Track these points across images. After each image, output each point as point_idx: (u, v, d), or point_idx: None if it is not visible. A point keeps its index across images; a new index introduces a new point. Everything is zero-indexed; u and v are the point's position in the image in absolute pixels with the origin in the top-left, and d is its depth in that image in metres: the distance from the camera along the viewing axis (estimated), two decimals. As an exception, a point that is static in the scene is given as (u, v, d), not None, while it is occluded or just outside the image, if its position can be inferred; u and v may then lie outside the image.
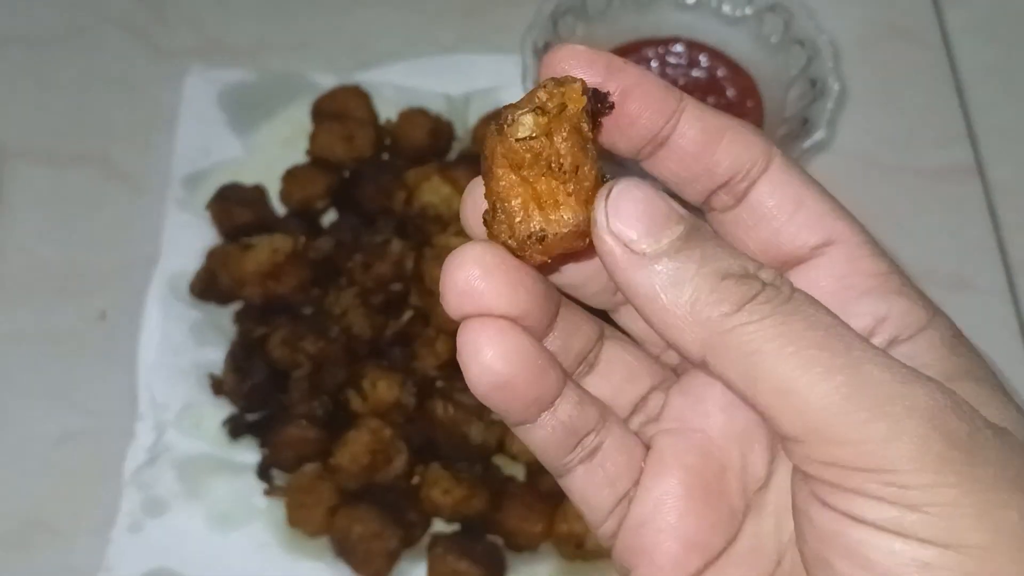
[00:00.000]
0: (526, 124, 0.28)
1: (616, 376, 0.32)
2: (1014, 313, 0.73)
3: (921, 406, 0.25)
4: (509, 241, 0.28)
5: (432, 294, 0.64)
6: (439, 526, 0.64)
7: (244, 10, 0.85)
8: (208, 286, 0.69)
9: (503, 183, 0.28)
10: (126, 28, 0.83)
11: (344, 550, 0.62)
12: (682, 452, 0.31)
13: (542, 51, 0.73)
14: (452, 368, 0.66)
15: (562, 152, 0.28)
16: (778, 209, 0.30)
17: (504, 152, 0.28)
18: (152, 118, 0.78)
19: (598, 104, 0.29)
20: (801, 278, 0.29)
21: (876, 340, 0.28)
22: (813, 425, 0.25)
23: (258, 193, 0.72)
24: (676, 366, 0.33)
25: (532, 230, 0.28)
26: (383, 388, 0.64)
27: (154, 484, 0.64)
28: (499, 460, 0.65)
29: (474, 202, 0.30)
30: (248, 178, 0.73)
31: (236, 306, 0.69)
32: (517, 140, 0.28)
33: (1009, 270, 0.75)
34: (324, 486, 0.63)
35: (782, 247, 0.30)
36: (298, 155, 0.74)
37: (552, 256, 0.29)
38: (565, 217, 0.28)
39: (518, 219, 0.28)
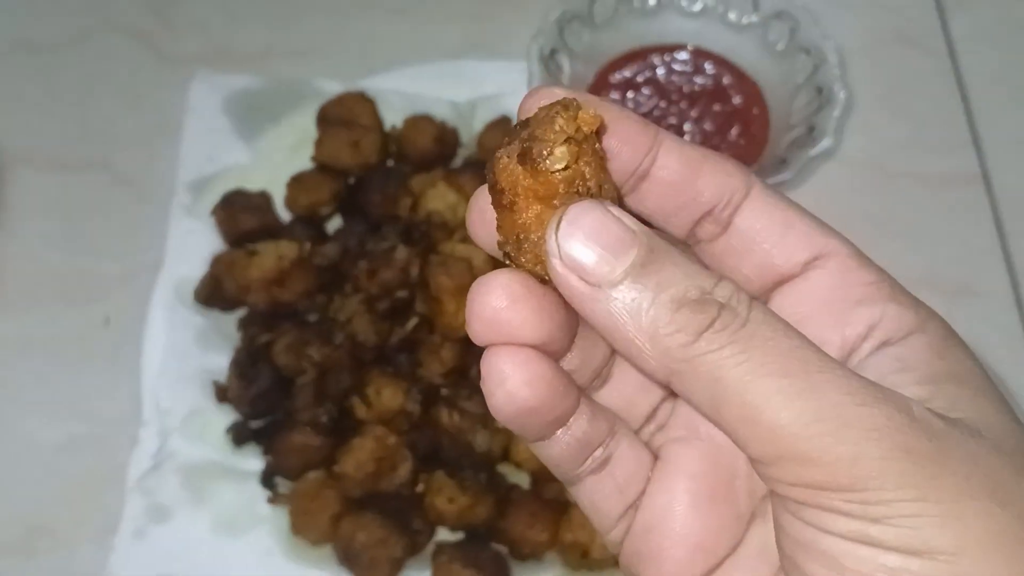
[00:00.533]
0: (562, 156, 0.28)
1: (628, 388, 0.33)
2: (1018, 319, 0.73)
3: (880, 426, 0.25)
4: (536, 268, 0.29)
5: (438, 301, 0.64)
6: (443, 534, 0.64)
7: (250, 17, 0.85)
8: (213, 292, 0.69)
9: (529, 215, 0.28)
10: (132, 34, 0.83)
11: (348, 558, 0.62)
12: (689, 460, 0.32)
13: (548, 57, 0.73)
14: (457, 375, 0.66)
15: (587, 176, 0.28)
16: (766, 232, 0.30)
17: (532, 186, 0.28)
18: (158, 124, 0.78)
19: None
20: (795, 292, 0.30)
21: (868, 345, 0.29)
22: (778, 449, 0.26)
23: (263, 199, 0.72)
24: None
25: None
26: (388, 395, 0.64)
27: (158, 491, 0.64)
28: (504, 468, 0.65)
29: (480, 213, 0.31)
30: (254, 184, 0.73)
31: (241, 312, 0.69)
32: (552, 173, 0.28)
33: (1014, 276, 0.75)
34: (328, 493, 0.63)
35: (774, 267, 0.31)
36: (304, 161, 0.74)
37: None
38: None
39: (542, 250, 0.28)
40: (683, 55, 0.76)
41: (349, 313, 0.66)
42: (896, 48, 0.85)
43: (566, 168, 0.28)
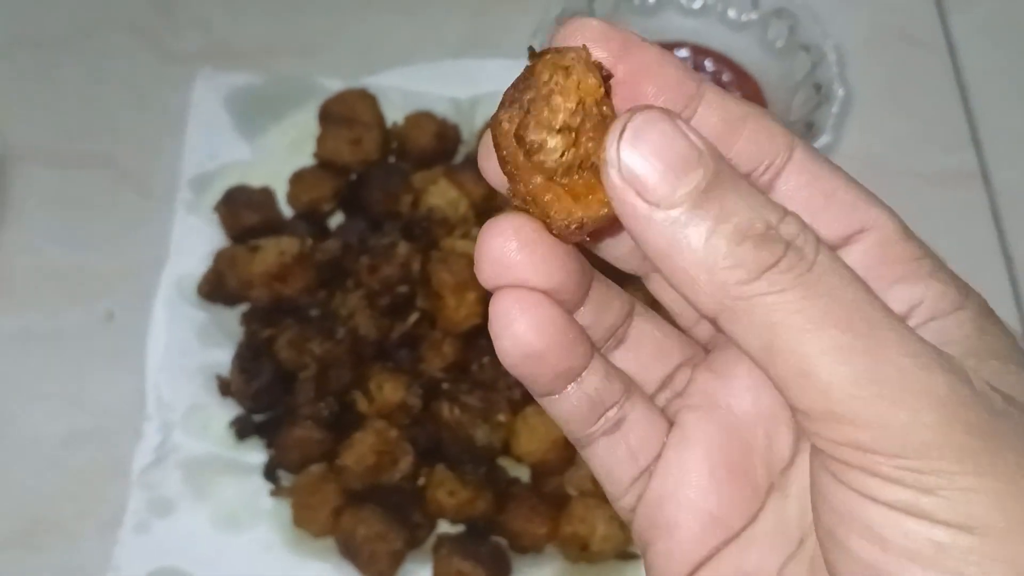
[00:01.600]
0: (554, 149, 0.26)
1: (644, 351, 0.32)
2: (1018, 317, 0.73)
3: (942, 394, 0.24)
4: (546, 221, 0.28)
5: (439, 297, 0.65)
6: (444, 527, 0.64)
7: (252, 14, 0.85)
8: (215, 288, 0.70)
9: (532, 186, 0.27)
10: (134, 31, 0.84)
11: (349, 551, 0.62)
12: (706, 428, 0.31)
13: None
14: (458, 370, 0.66)
15: (591, 149, 0.27)
16: (808, 201, 0.28)
17: (531, 165, 0.27)
18: (160, 121, 0.78)
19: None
20: None
21: (910, 323, 0.28)
22: (830, 406, 0.24)
23: (265, 196, 0.73)
24: (706, 342, 0.33)
25: (570, 220, 0.27)
26: (389, 390, 0.65)
27: (161, 484, 0.65)
28: (504, 462, 0.66)
29: (490, 151, 0.29)
30: (256, 181, 0.73)
31: (243, 308, 0.70)
32: (548, 165, 0.27)
33: (1013, 274, 0.75)
34: (330, 487, 0.63)
35: None
36: (305, 158, 0.75)
37: (590, 235, 0.28)
38: (602, 198, 0.27)
39: (553, 212, 0.27)
40: (683, 53, 0.77)
41: (350, 308, 0.66)
42: (896, 45, 0.85)
43: (562, 156, 0.26)
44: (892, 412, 0.24)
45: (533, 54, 0.27)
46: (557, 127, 0.26)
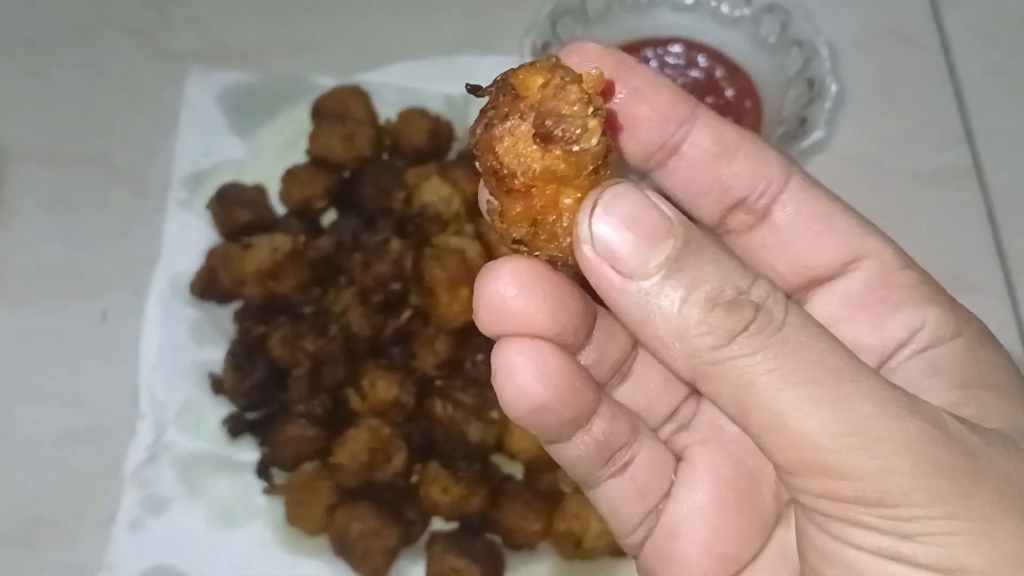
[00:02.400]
0: (595, 130, 0.26)
1: (650, 385, 0.31)
2: (1013, 315, 0.73)
3: (913, 440, 0.24)
4: (555, 254, 0.27)
5: (432, 293, 0.65)
6: (438, 524, 0.64)
7: (246, 13, 0.85)
8: (208, 286, 0.70)
9: (545, 198, 0.26)
10: (129, 31, 0.84)
11: (343, 548, 0.62)
12: (715, 463, 0.30)
13: (540, 52, 0.73)
14: (451, 367, 0.66)
15: (610, 148, 0.26)
16: (805, 228, 0.28)
17: (552, 166, 0.26)
18: (154, 119, 0.78)
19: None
20: (833, 293, 0.29)
21: (907, 350, 0.28)
22: (806, 460, 0.25)
23: (258, 193, 0.73)
24: None
25: (543, 255, 0.27)
26: (382, 387, 0.64)
27: (155, 482, 0.65)
28: (498, 459, 0.66)
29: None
30: (249, 178, 0.73)
31: (236, 305, 0.70)
32: (584, 151, 0.26)
33: (1007, 272, 0.75)
34: (323, 484, 0.63)
35: (811, 265, 0.29)
36: (298, 156, 0.75)
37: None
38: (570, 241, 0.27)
39: (564, 226, 0.26)
40: (676, 48, 0.77)
41: (343, 305, 0.66)
42: (889, 43, 0.85)
43: (598, 143, 0.26)
44: (865, 461, 0.24)
45: (504, 78, 0.27)
46: (590, 110, 0.26)
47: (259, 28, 0.84)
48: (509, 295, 0.27)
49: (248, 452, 0.66)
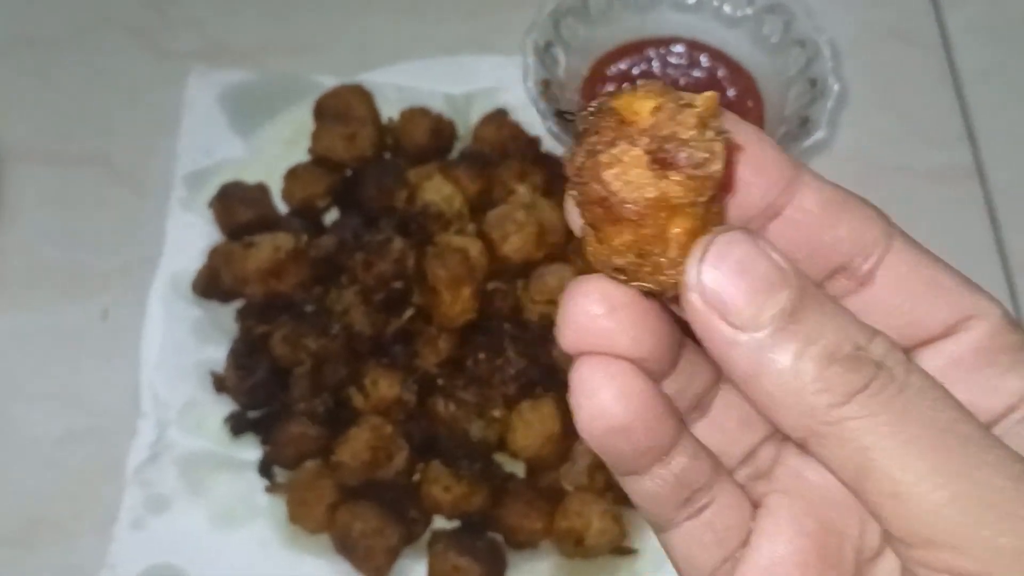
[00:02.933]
0: (722, 154, 0.25)
1: (730, 423, 0.30)
2: (1013, 314, 0.73)
3: None
4: (655, 288, 0.26)
5: (434, 292, 0.65)
6: (440, 523, 0.64)
7: (247, 13, 0.85)
8: (210, 284, 0.70)
9: (652, 230, 0.25)
10: (129, 30, 0.84)
11: (345, 547, 0.62)
12: (797, 514, 0.29)
13: (543, 51, 0.74)
14: (453, 366, 0.66)
15: (680, 197, 0.25)
16: (910, 290, 0.27)
17: (667, 192, 0.25)
18: (155, 119, 0.78)
19: None
20: (939, 355, 0.27)
21: (1017, 416, 0.27)
22: (929, 533, 0.24)
23: (260, 192, 0.73)
24: None
25: (642, 287, 0.26)
26: (384, 385, 0.64)
27: (156, 481, 0.65)
28: (499, 457, 0.66)
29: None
30: (251, 177, 0.73)
31: (238, 304, 0.70)
32: (708, 177, 0.25)
33: (1008, 272, 0.75)
34: (325, 483, 0.63)
35: (916, 328, 0.27)
36: (300, 154, 0.75)
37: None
38: (675, 275, 0.25)
39: (671, 258, 0.25)
40: (678, 48, 0.77)
41: (345, 304, 0.66)
42: (891, 42, 0.85)
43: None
44: (995, 539, 0.23)
45: (600, 104, 0.26)
46: (713, 133, 0.25)
47: (259, 27, 0.84)
48: (596, 313, 0.26)
49: (250, 451, 0.66)
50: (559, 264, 0.68)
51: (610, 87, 0.76)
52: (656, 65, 0.77)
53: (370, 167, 0.73)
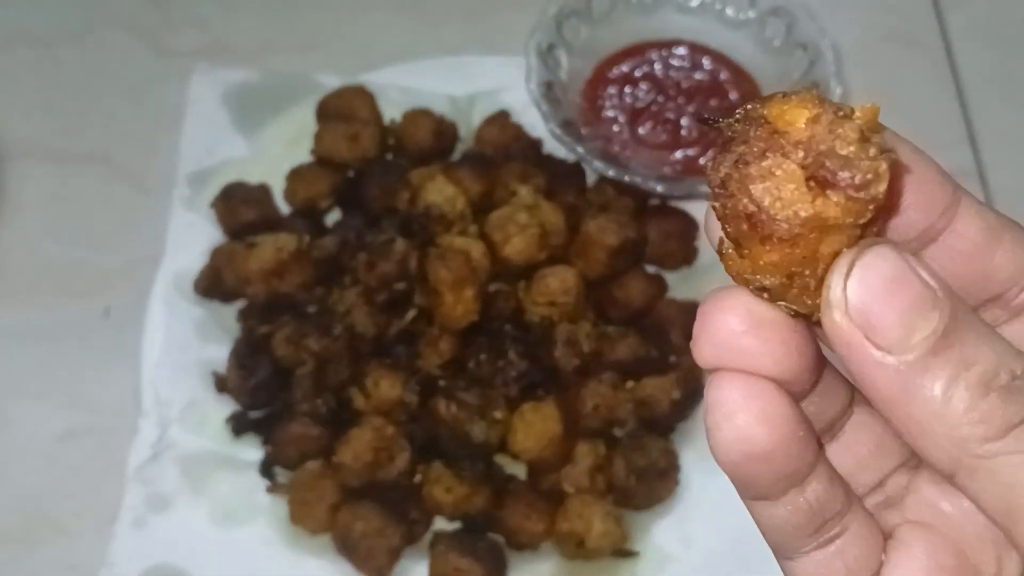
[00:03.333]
0: (885, 176, 0.23)
1: (862, 448, 0.28)
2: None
3: None
4: (803, 310, 0.25)
5: (436, 293, 0.65)
6: (441, 524, 0.64)
7: (249, 11, 0.85)
8: (212, 284, 0.70)
9: (805, 251, 0.24)
10: (132, 29, 0.84)
11: (346, 547, 0.62)
12: (933, 548, 0.27)
13: (546, 52, 0.74)
14: (455, 367, 0.66)
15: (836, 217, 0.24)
16: None
17: (823, 212, 0.23)
18: (157, 118, 0.78)
19: None
20: None
21: None
22: None
23: (263, 192, 0.73)
24: None
25: (789, 308, 0.24)
26: (386, 386, 0.65)
27: (157, 480, 0.65)
28: (501, 459, 0.66)
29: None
30: (253, 177, 0.73)
31: (240, 304, 0.70)
32: (870, 197, 0.23)
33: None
34: (326, 483, 0.63)
35: None
36: (303, 155, 0.75)
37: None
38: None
39: (820, 280, 0.24)
40: (681, 51, 0.77)
41: (348, 305, 0.66)
42: (893, 45, 0.86)
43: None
44: None
45: (746, 113, 0.24)
46: (874, 151, 0.23)
47: (262, 26, 0.84)
48: (739, 330, 0.24)
49: (251, 451, 0.66)
50: (561, 266, 0.68)
51: (612, 89, 0.76)
52: (658, 67, 0.77)
53: (372, 168, 0.73)
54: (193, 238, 0.72)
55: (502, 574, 0.62)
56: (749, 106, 0.24)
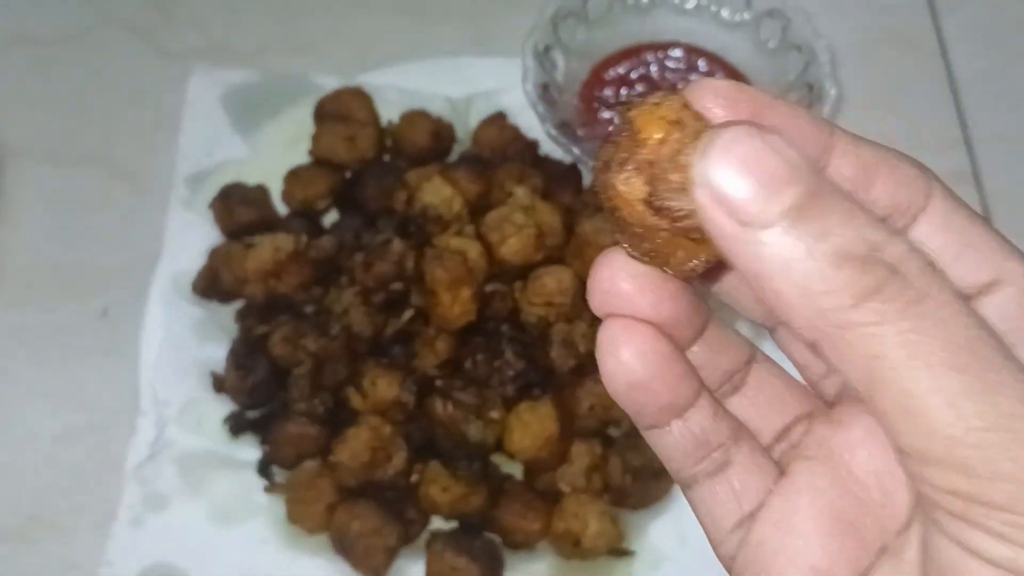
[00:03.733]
0: (688, 205, 0.25)
1: (761, 400, 0.31)
2: None
3: None
4: (672, 273, 0.27)
5: (433, 293, 0.65)
6: (437, 523, 0.65)
7: (248, 13, 0.86)
8: (210, 284, 0.70)
9: (658, 241, 0.26)
10: (131, 29, 0.84)
11: (343, 546, 0.62)
12: (817, 478, 0.29)
13: (542, 54, 0.74)
14: (451, 367, 0.66)
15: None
16: (943, 248, 0.26)
17: (660, 226, 0.26)
18: (156, 118, 0.79)
19: None
20: None
21: None
22: (934, 450, 0.23)
23: (261, 193, 0.73)
24: (832, 397, 0.31)
25: (694, 264, 0.27)
26: (383, 386, 0.65)
27: (155, 479, 0.65)
28: (497, 458, 0.66)
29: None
30: (251, 178, 0.74)
31: (238, 304, 0.70)
32: (690, 227, 0.25)
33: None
34: (324, 483, 0.63)
35: None
36: (301, 156, 0.75)
37: (705, 274, 0.28)
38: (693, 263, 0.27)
39: (674, 259, 0.26)
40: (676, 52, 0.77)
41: (345, 305, 0.67)
42: (888, 47, 0.86)
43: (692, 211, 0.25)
44: (1000, 463, 0.22)
45: (627, 107, 0.26)
46: (687, 186, 0.24)
47: (261, 28, 0.85)
48: (619, 278, 0.28)
49: (249, 450, 0.66)
50: (557, 266, 0.68)
51: (608, 91, 0.76)
52: (654, 69, 0.77)
53: (370, 169, 0.74)
54: (191, 238, 0.72)
55: (498, 573, 0.62)
56: (626, 105, 0.26)
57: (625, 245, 0.27)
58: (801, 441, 0.30)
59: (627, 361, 0.28)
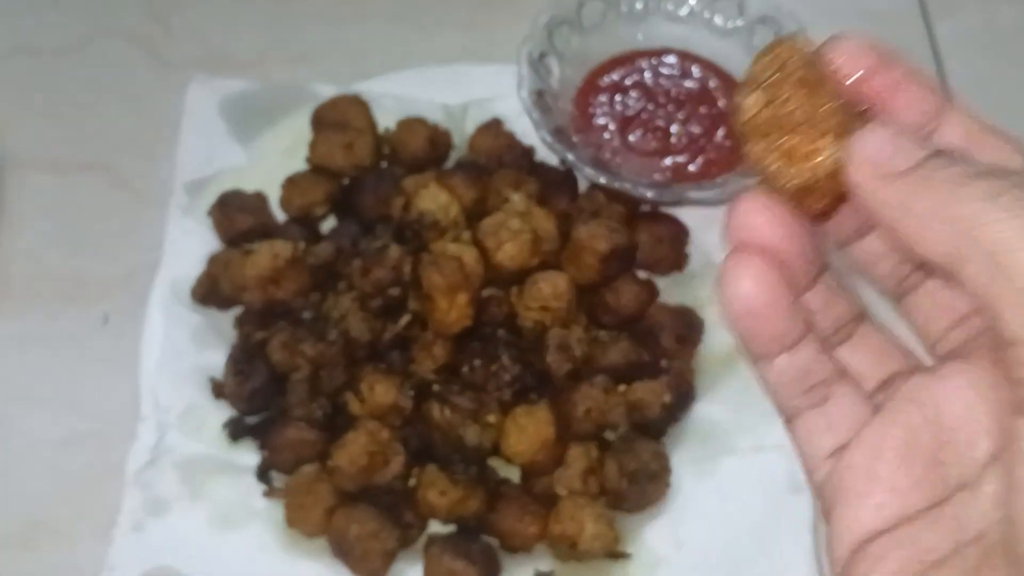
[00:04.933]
0: (748, 106, 0.31)
1: (867, 352, 0.34)
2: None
3: None
4: (803, 182, 0.30)
5: (430, 299, 0.65)
6: (435, 527, 0.65)
7: (247, 23, 0.86)
8: (209, 291, 0.70)
9: (757, 149, 0.31)
10: (131, 39, 0.85)
11: (342, 550, 0.63)
12: (908, 417, 0.32)
13: (537, 61, 0.75)
14: (449, 372, 0.67)
15: (792, 109, 0.30)
16: None
17: (746, 130, 0.31)
18: (156, 127, 0.79)
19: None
20: None
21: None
22: None
23: (259, 200, 0.73)
24: (936, 362, 0.34)
25: (791, 184, 0.30)
26: (381, 391, 0.65)
27: (156, 484, 0.65)
28: (494, 462, 0.66)
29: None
30: (249, 186, 0.74)
31: (237, 311, 0.70)
32: (745, 124, 0.31)
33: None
34: (322, 487, 0.64)
35: None
36: (299, 163, 0.75)
37: (826, 201, 0.31)
38: (819, 160, 0.30)
39: (777, 177, 0.30)
40: (670, 59, 0.78)
41: (343, 311, 0.67)
42: (881, 53, 0.86)
43: (757, 115, 0.31)
44: None
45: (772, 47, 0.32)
46: (751, 88, 0.31)
47: (259, 38, 0.85)
48: (755, 209, 0.31)
49: (248, 455, 0.66)
50: (553, 271, 0.68)
51: (603, 97, 0.77)
52: (648, 76, 0.78)
53: (367, 176, 0.74)
54: (190, 246, 0.73)
55: (495, 576, 0.63)
56: (782, 49, 0.32)
57: (772, 169, 0.30)
58: (900, 387, 0.33)
59: (745, 290, 0.30)
